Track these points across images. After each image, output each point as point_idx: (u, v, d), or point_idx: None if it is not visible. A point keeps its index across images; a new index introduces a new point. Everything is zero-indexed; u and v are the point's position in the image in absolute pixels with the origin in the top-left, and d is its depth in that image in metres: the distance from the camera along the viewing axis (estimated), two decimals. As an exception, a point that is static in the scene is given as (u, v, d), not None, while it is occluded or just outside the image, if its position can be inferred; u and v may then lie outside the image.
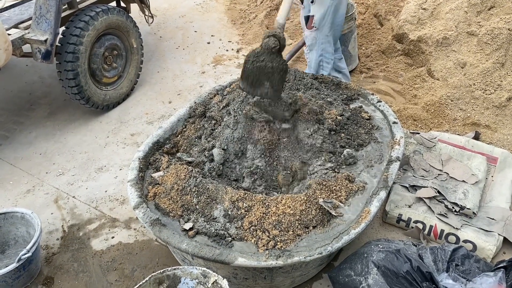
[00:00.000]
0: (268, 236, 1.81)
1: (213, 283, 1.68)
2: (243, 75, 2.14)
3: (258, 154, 2.16)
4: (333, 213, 1.90)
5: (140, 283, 1.66)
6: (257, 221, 1.86)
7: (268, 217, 1.87)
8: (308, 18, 2.94)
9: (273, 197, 1.95)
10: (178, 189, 2.02)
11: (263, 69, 2.08)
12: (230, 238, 1.84)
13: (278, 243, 1.79)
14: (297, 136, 2.22)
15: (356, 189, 2.05)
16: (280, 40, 2.09)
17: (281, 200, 1.92)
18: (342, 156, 2.20)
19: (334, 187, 2.02)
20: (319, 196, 1.94)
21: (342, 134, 2.33)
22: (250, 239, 1.83)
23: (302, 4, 3.11)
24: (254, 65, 2.08)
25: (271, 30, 2.14)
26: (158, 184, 2.09)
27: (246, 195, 1.96)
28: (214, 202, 1.97)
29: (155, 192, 2.06)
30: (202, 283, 1.72)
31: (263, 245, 1.79)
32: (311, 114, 2.26)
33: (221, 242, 1.82)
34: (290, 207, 1.89)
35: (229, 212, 1.91)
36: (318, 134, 2.23)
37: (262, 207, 1.90)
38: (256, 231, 1.84)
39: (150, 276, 1.69)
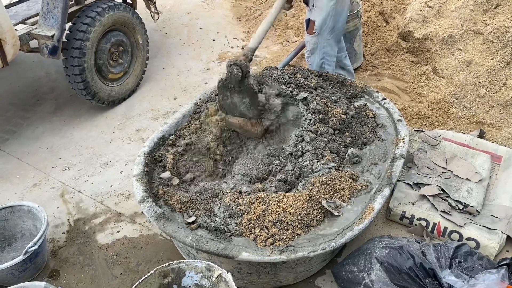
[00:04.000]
0: (267, 234, 1.83)
1: (217, 277, 1.69)
2: (219, 106, 2.25)
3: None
4: (335, 213, 1.91)
5: (145, 276, 1.68)
6: (257, 218, 1.88)
7: (269, 215, 1.88)
8: (308, 22, 2.92)
9: (275, 195, 1.96)
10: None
11: (234, 102, 2.17)
12: (229, 233, 1.86)
13: (277, 241, 1.80)
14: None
15: (360, 188, 2.06)
16: (242, 68, 2.08)
17: (283, 198, 1.93)
18: (346, 156, 2.21)
19: (338, 186, 2.03)
20: (323, 196, 1.95)
21: (347, 133, 2.33)
22: (248, 235, 1.85)
23: (307, 6, 3.10)
24: (225, 100, 2.18)
25: (234, 58, 2.13)
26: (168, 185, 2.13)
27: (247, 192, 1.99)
28: (216, 198, 2.00)
29: (164, 191, 2.09)
30: (206, 276, 1.73)
31: (261, 242, 1.81)
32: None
33: (220, 237, 1.85)
34: (291, 206, 1.90)
35: (230, 208, 1.93)
36: (323, 137, 2.24)
37: (262, 204, 1.92)
38: (255, 228, 1.86)
39: (155, 269, 1.70)
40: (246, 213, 1.90)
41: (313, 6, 2.80)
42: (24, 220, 2.35)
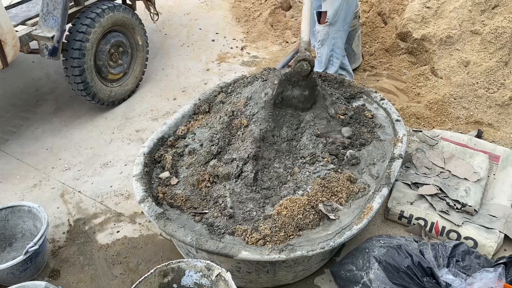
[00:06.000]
0: (259, 234, 1.84)
1: (216, 276, 1.71)
2: (275, 98, 2.24)
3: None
4: (331, 217, 1.92)
5: (145, 275, 1.69)
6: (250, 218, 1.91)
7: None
8: (319, 14, 2.96)
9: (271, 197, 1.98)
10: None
11: (293, 94, 2.24)
12: (222, 230, 1.88)
13: (268, 243, 1.81)
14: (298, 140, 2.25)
15: (357, 190, 2.07)
16: (311, 63, 2.18)
17: (279, 200, 1.95)
18: (344, 158, 2.22)
19: (335, 188, 2.04)
20: (320, 199, 1.97)
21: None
22: (239, 235, 1.86)
23: None
24: (285, 93, 2.23)
25: (301, 54, 2.19)
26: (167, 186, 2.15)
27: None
28: (210, 196, 2.03)
29: (164, 191, 2.11)
30: (206, 276, 1.75)
31: (252, 243, 1.82)
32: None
33: (213, 232, 1.88)
34: (287, 208, 1.91)
35: (224, 206, 1.95)
36: (321, 138, 2.25)
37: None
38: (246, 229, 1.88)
39: (155, 268, 1.72)
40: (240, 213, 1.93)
41: None
42: (25, 220, 2.37)
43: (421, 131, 2.81)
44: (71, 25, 3.13)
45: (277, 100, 2.24)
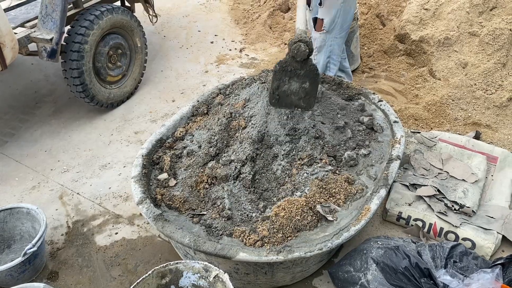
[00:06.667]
0: (257, 236, 1.85)
1: (214, 277, 1.71)
2: (271, 97, 2.01)
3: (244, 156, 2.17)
4: (329, 218, 1.93)
5: (143, 277, 1.69)
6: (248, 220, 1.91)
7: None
8: (315, 20, 2.94)
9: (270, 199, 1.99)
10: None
11: (291, 89, 1.96)
12: (220, 232, 1.89)
13: (266, 244, 1.82)
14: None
15: (355, 191, 2.07)
16: (308, 44, 1.93)
17: (277, 201, 1.96)
18: (343, 159, 2.23)
19: (333, 190, 2.04)
20: (318, 200, 1.97)
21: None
22: (237, 236, 1.87)
23: (309, 7, 3.12)
24: (281, 88, 1.96)
25: (297, 36, 1.96)
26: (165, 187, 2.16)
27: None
28: (208, 197, 2.04)
29: (162, 193, 2.12)
30: (203, 277, 1.75)
31: (250, 245, 1.82)
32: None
33: (211, 233, 1.89)
34: (285, 210, 1.92)
35: (223, 207, 1.96)
36: (320, 140, 2.25)
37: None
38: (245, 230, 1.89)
39: (153, 270, 1.72)
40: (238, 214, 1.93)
41: (320, 4, 2.82)
42: (23, 222, 2.37)
43: (419, 132, 2.82)
44: (70, 27, 3.13)
45: (273, 99, 1.98)
